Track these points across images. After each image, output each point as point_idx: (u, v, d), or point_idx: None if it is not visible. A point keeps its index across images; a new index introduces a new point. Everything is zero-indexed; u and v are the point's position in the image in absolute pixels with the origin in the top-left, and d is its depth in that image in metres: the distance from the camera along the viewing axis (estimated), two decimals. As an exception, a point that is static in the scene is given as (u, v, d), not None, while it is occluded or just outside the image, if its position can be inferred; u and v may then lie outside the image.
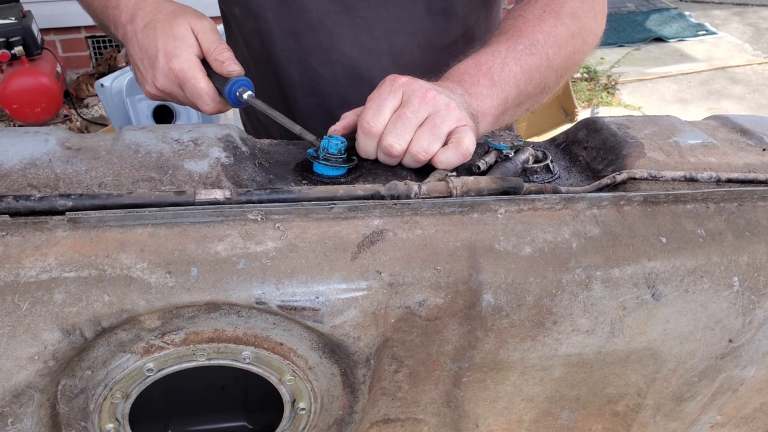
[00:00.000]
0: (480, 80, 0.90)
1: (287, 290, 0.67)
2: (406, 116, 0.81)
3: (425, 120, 0.82)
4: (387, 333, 0.73)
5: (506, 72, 0.91)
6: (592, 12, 1.03)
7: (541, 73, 0.95)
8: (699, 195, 0.79)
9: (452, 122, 0.82)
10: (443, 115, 0.81)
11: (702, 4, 6.53)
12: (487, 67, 0.91)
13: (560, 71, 0.99)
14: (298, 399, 0.76)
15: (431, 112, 0.82)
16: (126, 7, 0.99)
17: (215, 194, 0.70)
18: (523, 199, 0.75)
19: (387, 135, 0.81)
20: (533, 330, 0.76)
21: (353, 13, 1.10)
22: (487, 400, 0.85)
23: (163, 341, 0.68)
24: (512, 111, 0.95)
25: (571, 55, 1.00)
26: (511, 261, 0.73)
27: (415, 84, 0.83)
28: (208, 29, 0.96)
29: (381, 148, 0.82)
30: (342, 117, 0.88)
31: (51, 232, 0.65)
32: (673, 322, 0.80)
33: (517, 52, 0.93)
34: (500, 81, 0.91)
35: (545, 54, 0.95)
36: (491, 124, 0.91)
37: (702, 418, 0.98)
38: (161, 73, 0.95)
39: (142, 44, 0.96)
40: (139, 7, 0.98)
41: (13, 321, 0.62)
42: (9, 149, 0.74)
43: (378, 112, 0.82)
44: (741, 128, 0.96)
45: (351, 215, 0.72)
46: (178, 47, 0.94)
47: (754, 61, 5.36)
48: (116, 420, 0.72)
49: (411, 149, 0.81)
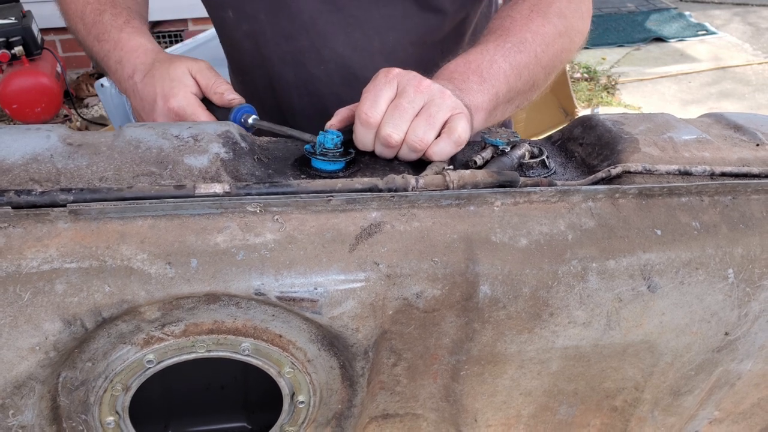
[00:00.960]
0: (470, 77, 0.91)
1: (286, 281, 0.68)
2: (403, 106, 0.82)
3: (421, 109, 0.83)
4: (385, 325, 0.73)
5: (495, 68, 0.93)
6: (578, 12, 1.05)
7: (530, 70, 0.96)
8: (693, 188, 0.80)
9: (447, 110, 0.83)
10: (438, 104, 0.83)
11: (702, 4, 6.56)
12: (477, 65, 0.93)
13: (548, 69, 1.01)
14: (297, 392, 0.76)
15: (427, 100, 0.83)
16: (128, 62, 1.01)
17: (214, 188, 0.71)
18: (519, 191, 0.76)
19: (384, 125, 0.82)
20: (530, 322, 0.77)
21: (345, 12, 1.11)
22: (485, 394, 0.85)
23: (163, 332, 0.69)
24: (503, 107, 0.96)
25: (559, 54, 1.01)
26: (508, 252, 0.74)
27: (410, 74, 0.85)
28: (204, 68, 0.99)
29: (379, 138, 0.83)
30: (336, 113, 0.89)
31: (52, 223, 0.66)
32: (669, 315, 0.80)
33: (505, 49, 0.95)
34: (490, 77, 0.92)
35: (533, 52, 0.97)
36: (484, 119, 0.92)
37: (700, 413, 0.98)
38: (161, 115, 0.97)
39: (141, 93, 0.99)
40: (139, 61, 1.00)
41: (15, 311, 0.63)
42: (11, 145, 0.75)
43: (375, 103, 0.83)
44: (735, 125, 0.97)
45: (349, 208, 0.73)
46: (175, 87, 0.96)
47: (754, 61, 5.37)
48: (116, 413, 0.72)
49: (408, 139, 0.82)
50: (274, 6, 1.12)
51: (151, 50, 1.02)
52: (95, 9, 1.08)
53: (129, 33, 1.03)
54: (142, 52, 1.02)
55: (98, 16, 1.06)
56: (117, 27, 1.04)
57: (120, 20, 1.05)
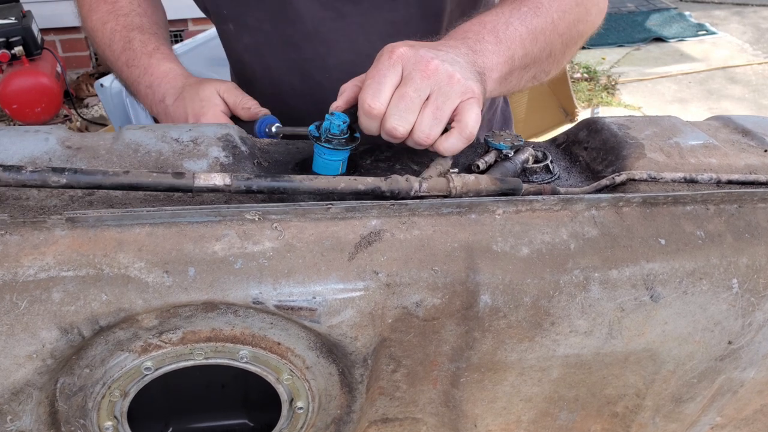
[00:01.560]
0: (485, 37, 0.87)
1: (284, 290, 0.68)
2: (409, 96, 0.77)
3: (428, 98, 0.78)
4: (384, 333, 0.73)
5: (511, 30, 0.89)
6: None
7: (546, 36, 0.93)
8: (698, 196, 0.79)
9: (456, 98, 0.78)
10: (446, 92, 0.78)
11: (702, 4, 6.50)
12: (492, 26, 0.89)
13: (565, 38, 0.97)
14: (296, 398, 0.76)
15: (434, 88, 0.78)
16: (158, 87, 1.05)
17: (214, 179, 0.70)
18: (521, 200, 0.75)
19: (390, 117, 0.77)
20: (531, 331, 0.76)
21: (348, 19, 1.10)
22: (485, 400, 0.85)
23: (161, 340, 0.69)
24: (519, 73, 0.92)
25: (575, 24, 0.97)
26: (509, 262, 0.73)
27: (416, 55, 0.78)
28: (231, 88, 1.02)
29: (384, 130, 0.79)
30: (341, 90, 0.85)
31: (49, 231, 0.66)
32: (672, 324, 0.79)
33: (521, 13, 0.91)
34: (505, 39, 0.88)
35: (550, 17, 0.93)
36: (498, 82, 0.88)
37: (702, 419, 0.98)
38: None
39: (173, 116, 1.03)
40: (170, 86, 1.04)
41: (12, 319, 0.63)
42: (9, 148, 0.75)
43: (378, 91, 0.77)
44: (743, 129, 0.95)
45: (348, 215, 0.72)
46: (205, 107, 0.99)
47: (754, 61, 5.33)
48: (114, 418, 0.72)
49: (414, 134, 0.78)
50: (277, 16, 1.12)
51: (180, 75, 1.06)
52: (123, 37, 1.11)
53: (158, 59, 1.07)
54: (172, 77, 1.05)
55: (127, 43, 1.10)
56: (147, 53, 1.08)
57: (150, 47, 1.09)
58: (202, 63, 2.46)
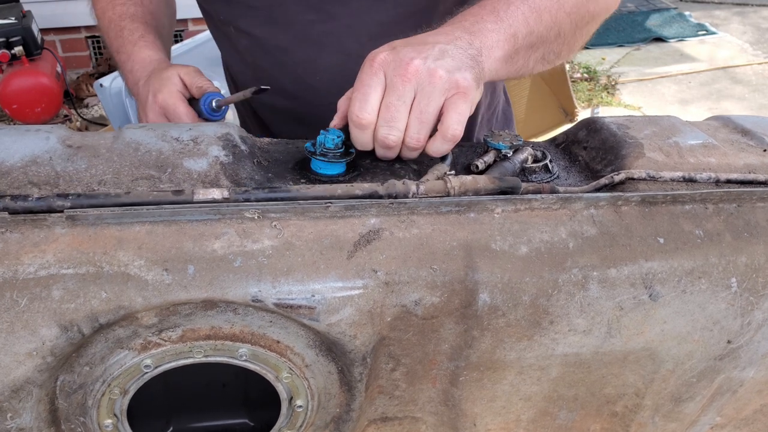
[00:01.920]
0: (484, 17, 0.85)
1: (283, 288, 0.68)
2: (393, 105, 0.78)
3: (413, 101, 0.78)
4: (383, 331, 0.73)
5: (512, 9, 0.86)
6: None
7: (552, 14, 0.89)
8: (697, 195, 0.79)
9: (439, 97, 0.78)
10: (428, 93, 0.77)
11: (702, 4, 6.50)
12: (492, 6, 0.87)
13: (574, 17, 0.93)
14: (296, 396, 0.76)
15: (417, 90, 0.78)
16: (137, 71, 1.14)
17: (213, 194, 0.71)
18: (520, 198, 0.75)
19: (380, 127, 0.79)
20: (530, 330, 0.76)
21: (337, 22, 1.11)
22: (484, 399, 0.85)
23: (160, 338, 0.69)
24: (526, 52, 0.89)
25: (585, 3, 0.94)
26: (508, 260, 0.73)
27: (396, 59, 0.78)
28: (192, 71, 1.09)
29: (377, 142, 0.80)
30: (338, 106, 0.86)
31: (49, 229, 0.66)
32: (671, 323, 0.80)
33: None
34: (506, 17, 0.85)
35: None
36: (503, 60, 0.86)
37: (701, 419, 0.98)
38: (150, 110, 1.08)
39: (141, 95, 1.11)
40: (145, 70, 1.13)
41: (12, 317, 0.63)
42: (10, 147, 0.75)
43: (365, 102, 0.78)
44: (742, 129, 0.95)
45: (348, 214, 0.72)
46: (164, 85, 1.06)
47: (754, 61, 5.33)
48: (114, 415, 0.73)
49: (405, 140, 0.79)
50: (268, 20, 1.13)
51: (156, 60, 1.14)
52: (117, 25, 1.20)
53: (140, 47, 1.16)
54: (148, 62, 1.13)
55: (119, 31, 1.20)
56: (131, 42, 1.17)
57: (136, 35, 1.18)
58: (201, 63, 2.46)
